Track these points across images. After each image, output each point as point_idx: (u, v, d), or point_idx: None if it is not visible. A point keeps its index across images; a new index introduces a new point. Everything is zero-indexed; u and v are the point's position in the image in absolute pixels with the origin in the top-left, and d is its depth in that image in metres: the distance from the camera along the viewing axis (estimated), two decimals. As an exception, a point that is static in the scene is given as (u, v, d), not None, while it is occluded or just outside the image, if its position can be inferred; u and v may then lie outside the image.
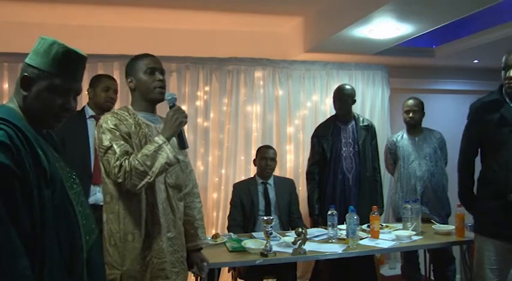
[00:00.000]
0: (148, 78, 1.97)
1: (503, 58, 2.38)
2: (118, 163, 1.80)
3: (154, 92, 1.98)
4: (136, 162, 1.79)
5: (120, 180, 1.80)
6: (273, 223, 2.59)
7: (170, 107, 1.94)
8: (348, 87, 3.51)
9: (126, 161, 1.80)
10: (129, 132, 1.91)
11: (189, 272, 2.18)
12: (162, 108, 2.04)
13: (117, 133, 1.87)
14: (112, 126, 1.88)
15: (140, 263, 1.89)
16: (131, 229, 1.88)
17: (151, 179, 1.82)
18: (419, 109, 3.56)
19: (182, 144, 1.94)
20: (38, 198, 1.15)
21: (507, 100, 2.40)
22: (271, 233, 2.54)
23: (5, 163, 1.09)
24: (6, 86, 3.65)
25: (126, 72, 2.03)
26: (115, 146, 1.83)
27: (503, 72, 2.39)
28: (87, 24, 4.08)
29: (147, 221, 1.91)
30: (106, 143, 1.85)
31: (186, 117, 1.92)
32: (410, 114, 3.55)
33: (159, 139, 1.85)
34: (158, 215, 1.93)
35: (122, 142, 1.86)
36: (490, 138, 2.44)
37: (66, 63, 1.28)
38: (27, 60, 1.28)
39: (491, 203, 2.40)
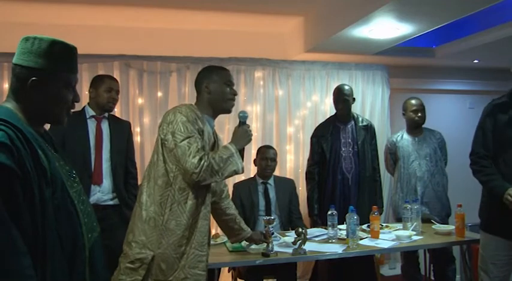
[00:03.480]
0: (227, 89, 2.14)
1: None
2: (199, 155, 1.90)
3: (228, 102, 2.15)
4: (214, 161, 1.93)
5: (196, 170, 1.88)
6: (274, 223, 2.59)
7: (240, 123, 2.13)
8: (346, 87, 3.52)
9: (206, 156, 1.92)
10: (203, 130, 2.02)
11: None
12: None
13: (196, 127, 1.98)
14: (193, 119, 1.97)
15: (176, 250, 1.94)
16: (176, 217, 1.94)
17: (219, 180, 2.01)
18: (424, 108, 3.58)
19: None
20: (39, 198, 1.15)
21: None
22: (272, 233, 2.55)
23: (6, 164, 1.09)
24: (6, 86, 3.65)
25: (204, 76, 2.16)
26: (197, 139, 1.94)
27: None
28: (87, 24, 4.07)
29: (196, 214, 1.99)
30: (187, 132, 1.93)
31: (252, 136, 2.15)
32: (419, 114, 3.55)
33: (232, 148, 2.01)
34: (209, 212, 2.09)
35: (200, 137, 1.97)
36: (498, 138, 2.49)
37: (70, 59, 1.32)
38: (28, 63, 1.24)
39: (497, 202, 2.42)
